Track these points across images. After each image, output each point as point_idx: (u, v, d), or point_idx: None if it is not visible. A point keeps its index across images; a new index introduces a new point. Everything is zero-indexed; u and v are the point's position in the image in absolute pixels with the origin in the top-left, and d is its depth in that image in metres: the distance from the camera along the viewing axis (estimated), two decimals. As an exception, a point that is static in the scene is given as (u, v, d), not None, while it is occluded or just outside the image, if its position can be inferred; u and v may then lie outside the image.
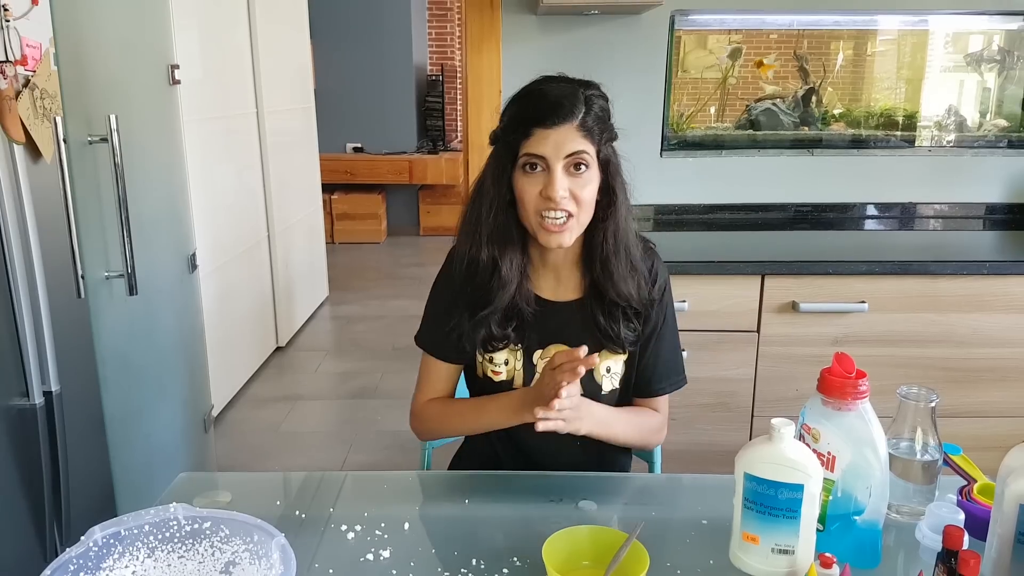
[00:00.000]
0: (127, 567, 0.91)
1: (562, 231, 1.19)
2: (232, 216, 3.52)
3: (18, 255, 1.47)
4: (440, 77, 7.12)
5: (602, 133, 1.19)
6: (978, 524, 0.97)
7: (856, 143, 2.67)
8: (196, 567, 0.93)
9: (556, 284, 1.30)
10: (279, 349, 4.12)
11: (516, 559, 0.99)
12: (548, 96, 1.18)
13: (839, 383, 0.96)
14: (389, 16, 6.41)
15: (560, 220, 1.18)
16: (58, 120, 1.56)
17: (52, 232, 1.56)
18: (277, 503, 1.15)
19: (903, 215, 2.62)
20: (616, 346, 1.28)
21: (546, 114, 1.16)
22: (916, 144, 2.71)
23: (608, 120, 1.22)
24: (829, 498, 0.97)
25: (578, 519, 1.08)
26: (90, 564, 0.88)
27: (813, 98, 2.72)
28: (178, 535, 0.94)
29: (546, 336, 1.28)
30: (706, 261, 2.07)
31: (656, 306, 1.31)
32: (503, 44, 2.47)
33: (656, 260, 1.32)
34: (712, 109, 2.73)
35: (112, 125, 1.75)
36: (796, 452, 0.93)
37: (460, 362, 1.34)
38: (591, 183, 1.19)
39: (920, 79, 2.74)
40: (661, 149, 2.57)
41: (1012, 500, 0.86)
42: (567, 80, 1.22)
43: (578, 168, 1.17)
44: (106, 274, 1.84)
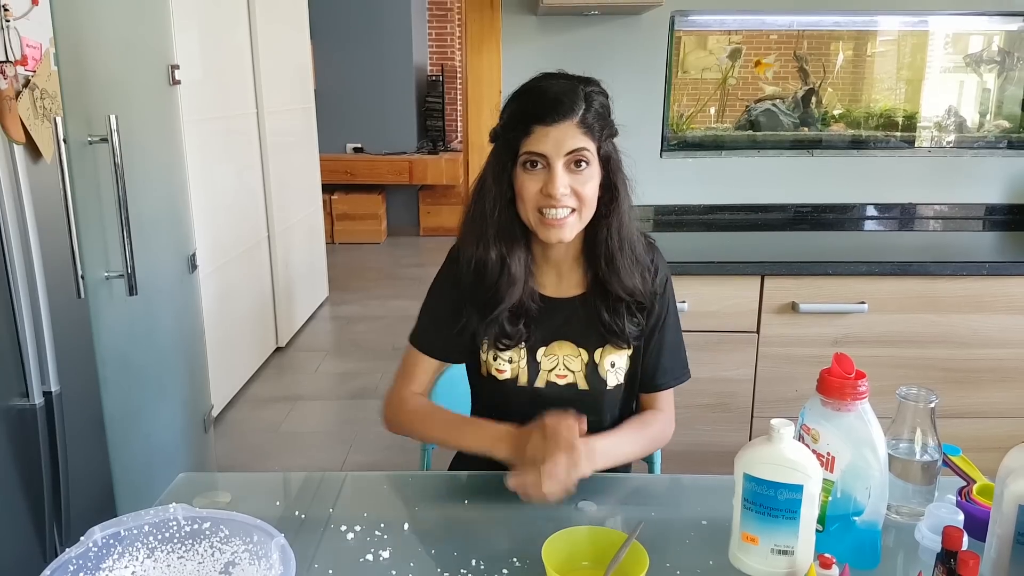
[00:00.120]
0: (127, 567, 0.91)
1: (562, 225, 1.19)
2: (232, 216, 3.52)
3: (18, 255, 1.47)
4: (440, 77, 7.12)
5: (602, 130, 1.19)
6: (977, 525, 0.98)
7: (856, 144, 2.67)
8: (196, 567, 0.93)
9: (558, 280, 1.30)
10: (279, 349, 4.12)
11: (516, 559, 0.99)
12: (548, 93, 1.18)
13: (838, 384, 0.96)
14: (389, 16, 6.42)
15: (560, 215, 1.18)
16: (58, 120, 1.56)
17: (52, 232, 1.56)
18: (277, 503, 1.15)
19: (903, 216, 2.62)
20: (621, 341, 1.28)
21: (546, 111, 1.15)
22: (916, 145, 2.71)
23: (608, 116, 1.21)
24: (828, 499, 0.97)
25: (578, 519, 1.08)
26: (90, 564, 0.88)
27: (813, 99, 2.72)
28: (178, 535, 0.94)
29: (550, 333, 1.28)
30: (706, 262, 2.07)
31: (658, 300, 1.31)
32: (503, 44, 2.47)
33: (656, 254, 1.33)
34: (712, 110, 2.73)
35: (112, 125, 1.75)
36: (795, 453, 0.93)
37: (448, 361, 1.35)
38: (592, 180, 1.19)
39: (920, 80, 2.74)
40: (661, 150, 2.57)
41: (1011, 501, 0.86)
42: (567, 77, 1.22)
43: (579, 165, 1.17)
44: (106, 274, 1.84)
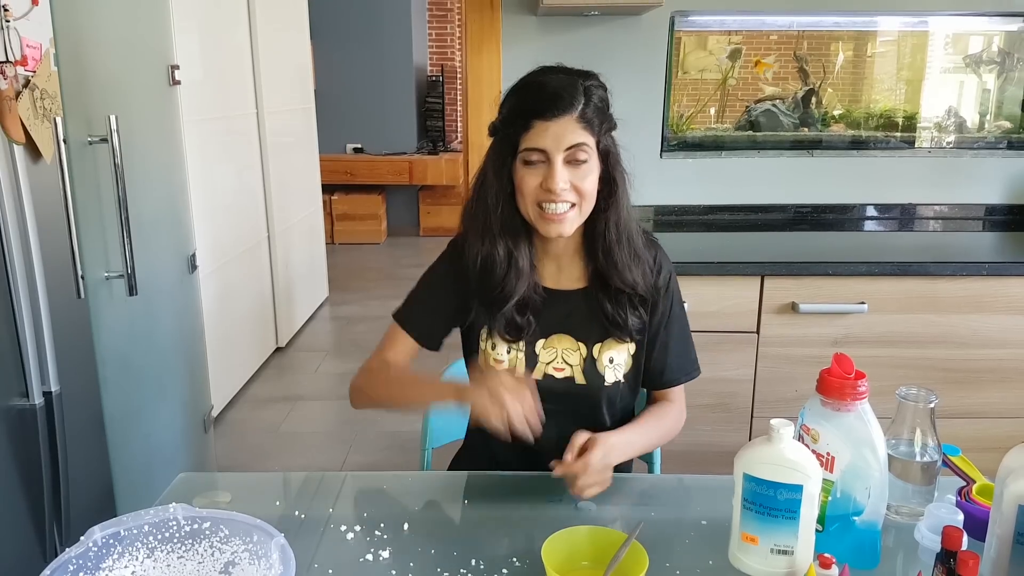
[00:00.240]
0: (127, 567, 0.91)
1: (562, 220, 1.19)
2: (232, 216, 3.52)
3: (18, 255, 1.47)
4: (440, 78, 7.12)
5: (602, 124, 1.19)
6: (977, 525, 0.98)
7: (856, 144, 2.67)
8: (195, 567, 0.93)
9: (558, 273, 1.30)
10: (279, 349, 4.12)
11: (516, 559, 0.99)
12: (547, 88, 1.17)
13: (838, 384, 0.96)
14: (389, 17, 6.42)
15: (560, 210, 1.18)
16: (58, 120, 1.56)
17: (52, 232, 1.56)
18: (277, 503, 1.16)
19: (903, 216, 2.62)
20: (623, 334, 1.28)
21: (545, 106, 1.15)
22: (916, 145, 2.71)
23: (607, 110, 1.21)
24: (828, 499, 0.97)
25: (577, 519, 1.08)
26: (90, 564, 0.88)
27: (813, 99, 2.72)
28: (178, 535, 0.94)
29: (550, 326, 1.28)
30: (706, 262, 2.07)
31: (662, 297, 1.31)
32: (503, 45, 2.47)
33: (659, 251, 1.33)
34: (712, 110, 2.73)
35: (112, 125, 1.75)
36: (795, 453, 0.93)
37: (426, 346, 1.31)
38: (591, 174, 1.19)
39: (920, 80, 2.74)
40: (661, 150, 2.57)
41: (1011, 501, 0.87)
42: (566, 71, 1.22)
43: (578, 160, 1.17)
44: (106, 274, 1.84)
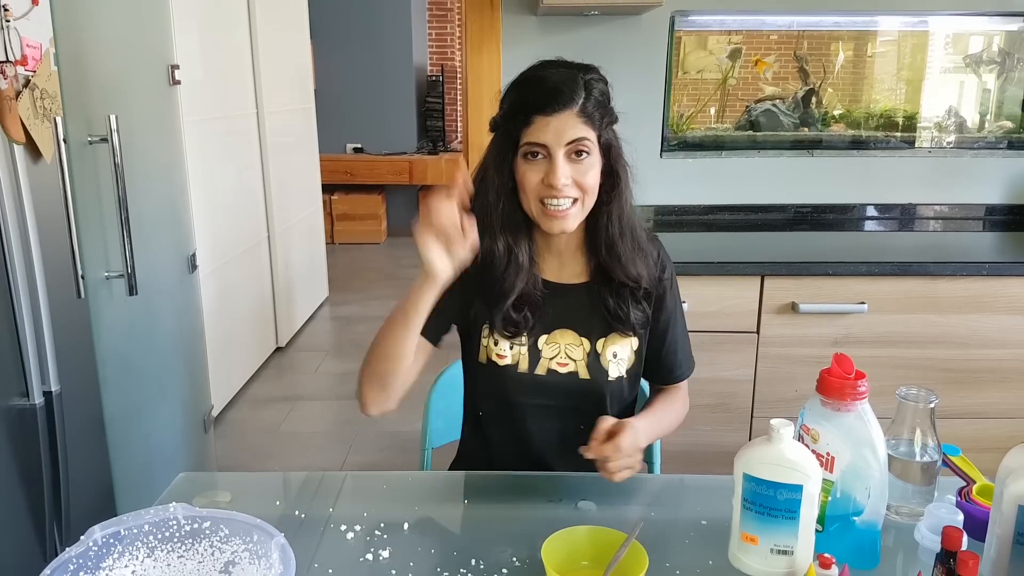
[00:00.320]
0: (127, 567, 0.91)
1: (565, 216, 1.18)
2: (232, 216, 3.52)
3: (18, 255, 1.47)
4: (440, 78, 7.12)
5: (603, 118, 1.18)
6: (977, 525, 0.98)
7: (856, 144, 2.67)
8: (196, 567, 0.93)
9: (560, 267, 1.30)
10: (279, 349, 4.12)
11: (515, 559, 0.99)
12: (547, 82, 1.17)
13: (838, 384, 0.96)
14: (389, 16, 6.41)
15: (563, 206, 1.17)
16: (58, 120, 1.56)
17: (52, 232, 1.56)
18: (277, 503, 1.15)
19: (903, 216, 2.62)
20: (626, 328, 1.28)
21: (546, 101, 1.15)
22: (916, 145, 2.71)
23: (608, 104, 1.21)
24: (828, 499, 0.97)
25: (577, 519, 1.08)
26: (90, 564, 0.88)
27: (813, 99, 2.72)
28: (178, 535, 0.94)
29: (553, 320, 1.27)
30: (706, 262, 2.07)
31: (667, 294, 1.32)
32: (503, 45, 2.47)
33: (660, 248, 1.33)
34: (712, 110, 2.73)
35: (112, 125, 1.75)
36: (795, 453, 0.93)
37: (427, 339, 1.27)
38: (593, 168, 1.19)
39: (920, 80, 2.74)
40: (661, 150, 2.57)
41: (1011, 501, 0.86)
42: (566, 65, 1.21)
43: (579, 155, 1.17)
44: (106, 274, 1.84)
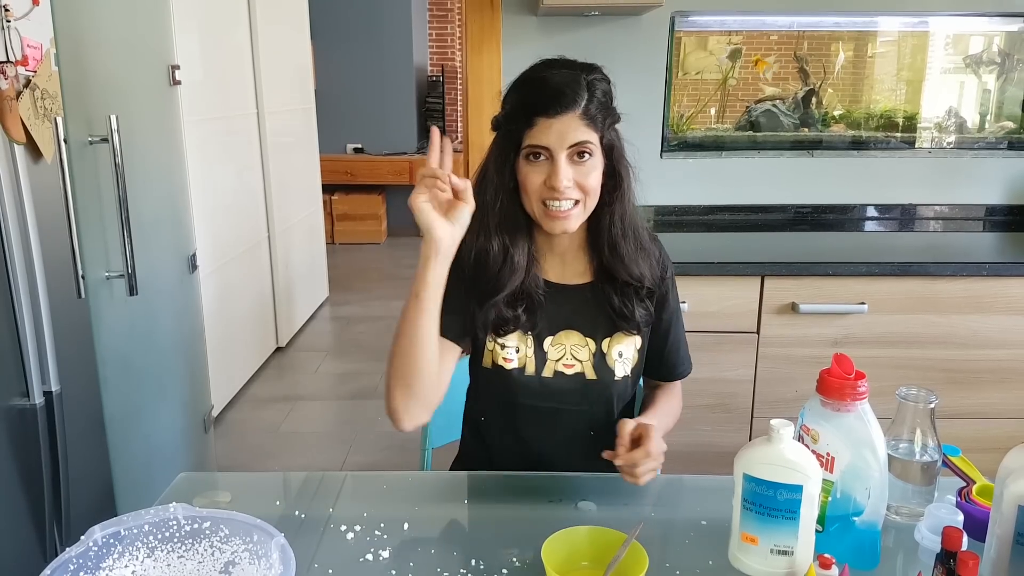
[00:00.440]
0: (127, 567, 0.91)
1: (567, 217, 1.18)
2: (232, 216, 3.52)
3: (18, 255, 1.47)
4: (440, 78, 7.12)
5: (605, 119, 1.18)
6: (977, 525, 0.98)
7: (856, 144, 2.67)
8: (196, 567, 0.93)
9: (562, 268, 1.30)
10: (279, 349, 4.12)
11: (515, 559, 0.99)
12: (550, 84, 1.16)
13: (838, 384, 0.96)
14: (389, 17, 6.42)
15: (565, 207, 1.17)
16: (59, 120, 1.56)
17: (52, 232, 1.56)
18: (277, 503, 1.15)
19: (903, 216, 2.62)
20: (631, 327, 1.28)
21: (549, 103, 1.14)
22: (916, 145, 2.71)
23: (611, 104, 1.21)
24: (828, 499, 0.97)
25: (577, 519, 1.08)
26: (90, 564, 0.88)
27: (813, 99, 2.72)
28: (178, 535, 0.94)
29: (557, 322, 1.27)
30: (706, 262, 2.07)
31: (670, 291, 1.33)
32: (503, 45, 2.47)
33: (661, 248, 1.34)
34: (712, 110, 2.73)
35: (112, 125, 1.75)
36: (795, 453, 0.93)
37: (455, 341, 1.24)
38: (595, 170, 1.19)
39: (920, 81, 2.74)
40: (661, 150, 2.57)
41: (1011, 501, 0.86)
42: (568, 65, 1.21)
43: (581, 156, 1.16)
44: (106, 274, 1.84)
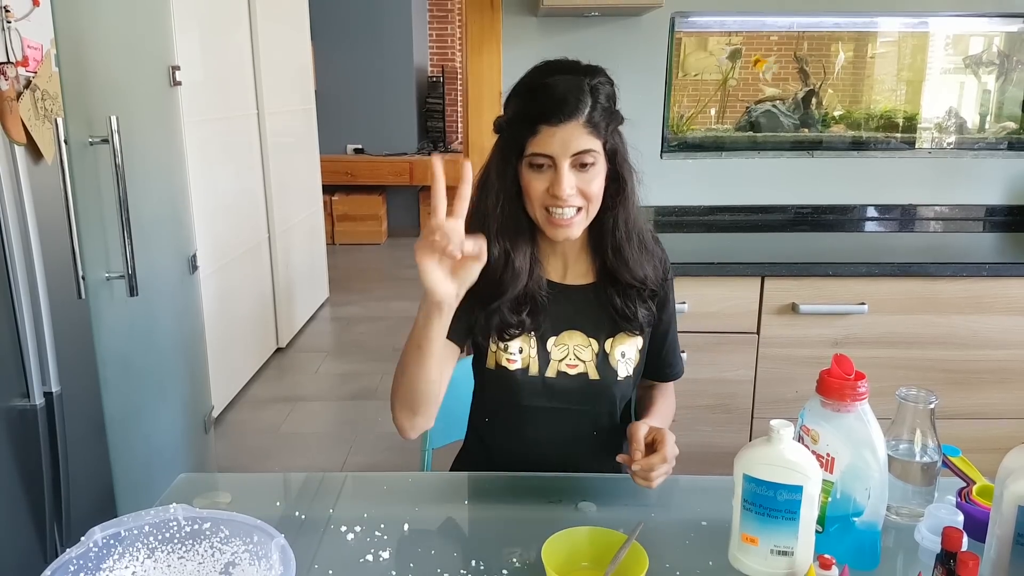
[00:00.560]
0: (127, 568, 0.91)
1: (570, 225, 1.18)
2: (232, 217, 3.52)
3: (19, 256, 1.47)
4: (441, 78, 7.12)
5: (608, 124, 1.18)
6: (977, 526, 0.98)
7: (856, 145, 2.67)
8: (196, 568, 0.93)
9: (565, 268, 1.30)
10: (279, 350, 4.12)
11: (516, 560, 0.99)
12: (554, 92, 1.15)
13: (838, 385, 0.96)
14: (390, 17, 6.42)
15: (568, 215, 1.17)
16: (59, 121, 1.56)
17: (53, 233, 1.56)
18: (277, 504, 1.16)
19: (903, 217, 2.62)
20: (633, 327, 1.28)
21: (552, 112, 1.14)
22: (916, 146, 2.71)
23: (614, 107, 1.20)
24: (828, 499, 0.97)
25: (578, 520, 1.08)
26: (90, 564, 0.88)
27: (813, 100, 2.72)
28: (178, 536, 0.94)
29: (559, 322, 1.27)
30: (706, 263, 2.07)
31: (671, 292, 1.34)
32: (503, 46, 2.47)
33: (662, 249, 1.34)
34: (712, 111, 2.73)
35: (113, 126, 1.75)
36: (795, 453, 0.93)
37: (455, 342, 1.24)
38: (598, 176, 1.18)
39: (920, 81, 2.74)
40: (661, 151, 2.57)
41: (1011, 502, 0.86)
42: (572, 69, 1.20)
43: (584, 165, 1.16)
44: (107, 275, 1.84)
